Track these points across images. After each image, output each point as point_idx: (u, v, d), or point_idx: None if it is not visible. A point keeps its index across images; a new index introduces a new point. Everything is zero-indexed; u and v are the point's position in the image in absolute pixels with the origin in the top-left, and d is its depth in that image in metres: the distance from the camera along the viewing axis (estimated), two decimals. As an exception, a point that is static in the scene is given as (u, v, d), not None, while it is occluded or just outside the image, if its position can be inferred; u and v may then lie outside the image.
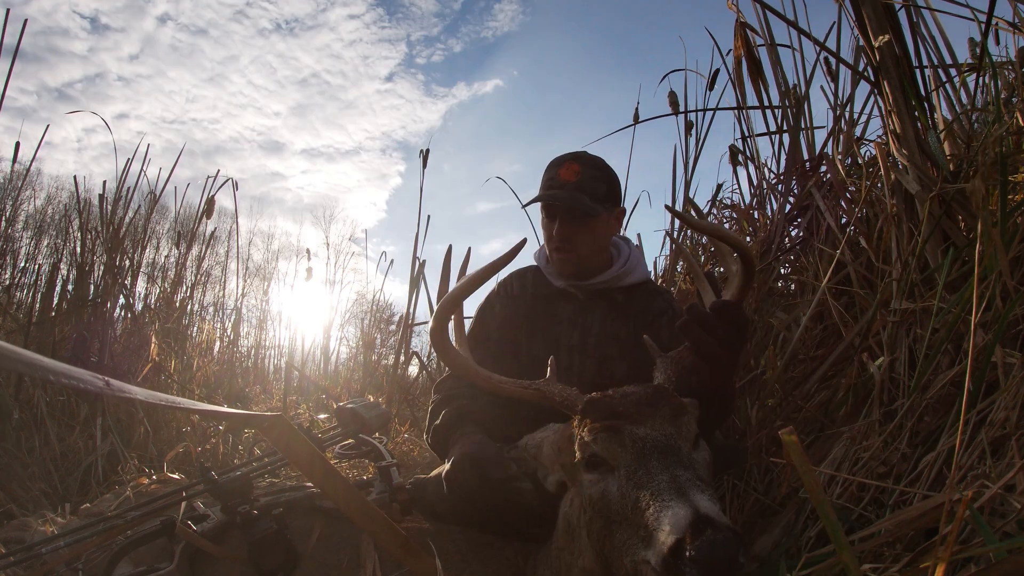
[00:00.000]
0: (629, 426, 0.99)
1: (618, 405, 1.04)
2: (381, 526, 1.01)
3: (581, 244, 1.69)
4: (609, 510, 0.96)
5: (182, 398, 0.85)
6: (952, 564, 0.96)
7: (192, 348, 4.20)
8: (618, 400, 1.06)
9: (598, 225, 1.69)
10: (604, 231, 1.73)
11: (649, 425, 0.99)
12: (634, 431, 0.98)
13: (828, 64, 2.70)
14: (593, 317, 1.74)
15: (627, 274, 1.75)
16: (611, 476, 0.98)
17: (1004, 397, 1.28)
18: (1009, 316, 1.37)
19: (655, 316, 1.70)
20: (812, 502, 0.99)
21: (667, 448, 0.95)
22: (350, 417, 1.65)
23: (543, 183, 1.72)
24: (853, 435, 1.57)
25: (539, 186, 1.75)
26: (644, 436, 0.97)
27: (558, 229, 1.67)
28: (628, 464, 0.96)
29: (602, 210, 1.66)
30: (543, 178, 1.73)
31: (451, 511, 1.44)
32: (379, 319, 7.69)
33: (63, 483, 2.61)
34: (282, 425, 0.88)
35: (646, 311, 1.71)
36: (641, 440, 0.97)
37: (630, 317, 1.72)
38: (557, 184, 1.66)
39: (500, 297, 1.86)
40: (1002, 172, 1.49)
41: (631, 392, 1.07)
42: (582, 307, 1.76)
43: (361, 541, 1.30)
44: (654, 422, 0.99)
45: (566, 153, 1.74)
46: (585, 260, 1.72)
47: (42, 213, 14.02)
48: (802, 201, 2.59)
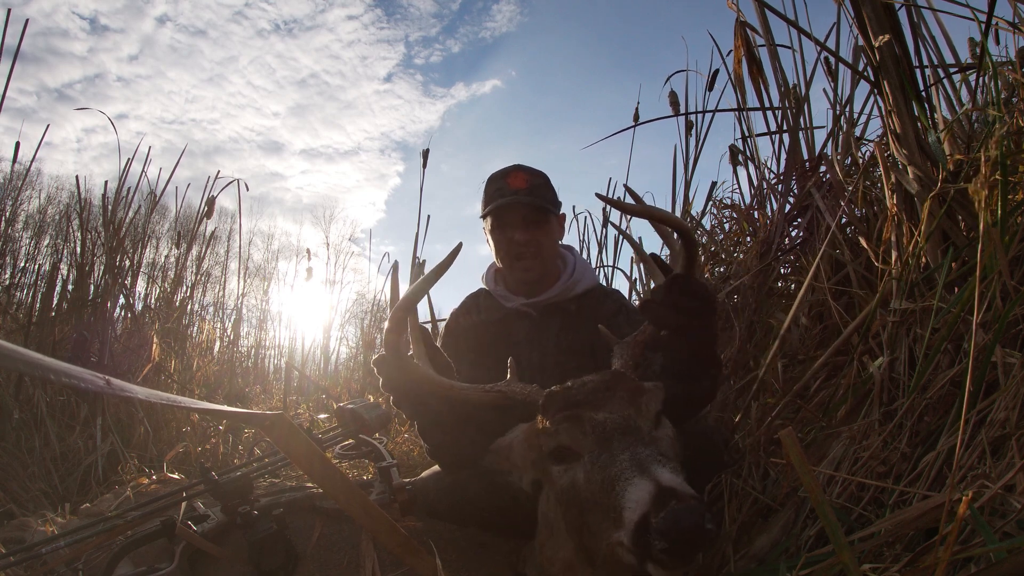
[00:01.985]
0: (588, 412, 1.00)
1: (576, 394, 1.06)
2: (382, 525, 1.01)
3: (543, 247, 1.72)
4: (580, 497, 0.97)
5: (182, 397, 0.85)
6: (952, 564, 0.96)
7: (192, 348, 4.20)
8: (576, 389, 1.07)
9: (553, 228, 1.77)
10: (558, 234, 1.81)
11: (608, 409, 1.00)
12: (593, 416, 1.00)
13: (828, 64, 2.70)
14: (548, 334, 1.75)
15: (576, 283, 1.77)
16: (577, 464, 0.99)
17: (1004, 397, 1.28)
18: (1009, 316, 1.37)
19: (610, 317, 1.72)
20: (811, 502, 0.99)
21: (627, 428, 0.97)
22: (350, 417, 1.65)
23: (491, 195, 1.74)
24: (853, 435, 1.57)
25: (483, 202, 1.77)
26: (603, 420, 0.99)
27: (520, 234, 1.70)
28: (591, 449, 0.97)
29: (556, 211, 1.76)
30: (488, 191, 1.76)
31: (450, 509, 1.45)
32: (379, 319, 7.69)
33: (63, 483, 2.61)
34: (283, 424, 0.88)
35: (598, 315, 1.72)
36: (601, 424, 0.98)
37: (583, 326, 1.73)
38: (509, 192, 1.69)
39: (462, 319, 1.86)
40: (1002, 172, 1.49)
41: (588, 380, 1.09)
42: (537, 325, 1.76)
43: (361, 541, 1.30)
44: (612, 405, 1.01)
45: (504, 167, 1.77)
46: (547, 264, 1.75)
47: (42, 213, 14.02)
48: (802, 201, 2.59)
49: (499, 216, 1.73)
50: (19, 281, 5.59)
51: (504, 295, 1.79)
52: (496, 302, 1.81)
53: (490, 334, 1.77)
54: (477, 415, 1.22)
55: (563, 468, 1.02)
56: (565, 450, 1.02)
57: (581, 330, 1.73)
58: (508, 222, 1.72)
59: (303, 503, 1.45)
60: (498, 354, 1.73)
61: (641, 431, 0.98)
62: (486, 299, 1.85)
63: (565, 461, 1.01)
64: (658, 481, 0.85)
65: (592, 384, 1.07)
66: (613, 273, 3.92)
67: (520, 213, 1.71)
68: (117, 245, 3.64)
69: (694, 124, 3.27)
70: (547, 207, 1.72)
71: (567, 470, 1.01)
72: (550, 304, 1.76)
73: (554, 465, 1.04)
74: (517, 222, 1.71)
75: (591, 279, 1.81)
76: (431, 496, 1.50)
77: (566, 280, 1.76)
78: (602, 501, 0.91)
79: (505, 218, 1.72)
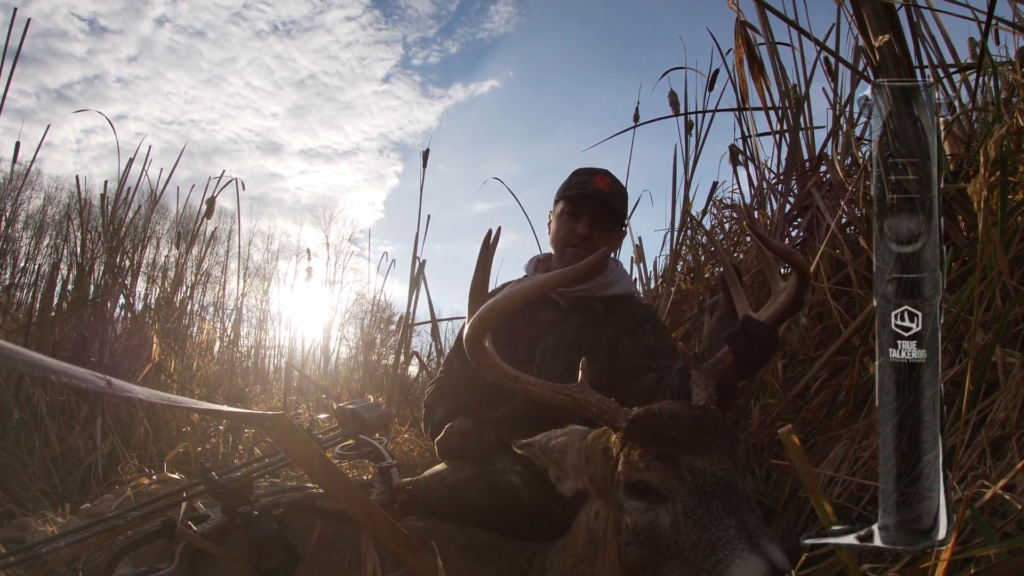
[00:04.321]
0: (686, 457, 0.93)
1: (669, 429, 0.98)
2: (382, 525, 1.01)
3: (597, 246, 1.75)
4: (659, 543, 0.92)
5: (183, 397, 0.85)
6: (952, 564, 0.96)
7: (192, 348, 4.20)
8: (667, 422, 1.00)
9: (614, 237, 1.84)
10: (615, 246, 1.88)
11: (707, 457, 0.93)
12: (692, 463, 0.92)
13: (828, 64, 2.70)
14: (570, 324, 1.76)
15: (609, 285, 1.79)
16: (662, 507, 0.93)
17: (1004, 397, 1.29)
18: (1009, 316, 1.37)
19: (638, 324, 1.74)
20: (811, 502, 0.99)
21: (728, 486, 0.91)
22: (350, 417, 1.65)
23: (573, 184, 1.80)
24: (853, 435, 1.57)
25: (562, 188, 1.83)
26: (703, 470, 0.92)
27: (584, 226, 1.75)
28: (686, 499, 0.90)
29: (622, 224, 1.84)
30: (571, 182, 1.81)
31: (450, 509, 1.45)
32: (379, 319, 7.70)
33: (63, 483, 2.61)
34: (283, 424, 0.88)
35: (628, 320, 1.75)
36: (701, 475, 0.91)
37: (608, 326, 1.75)
38: (592, 189, 1.76)
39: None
40: (1002, 172, 1.49)
41: (680, 414, 1.01)
42: (562, 313, 1.78)
43: (361, 541, 1.30)
44: (711, 454, 0.94)
45: (593, 167, 1.84)
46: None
47: (42, 213, 14.03)
48: (802, 201, 2.59)
49: (574, 204, 1.78)
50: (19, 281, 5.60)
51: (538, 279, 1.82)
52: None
53: (518, 316, 1.79)
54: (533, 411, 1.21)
55: (643, 505, 0.95)
56: (650, 489, 0.95)
57: (605, 330, 1.75)
58: (579, 213, 1.77)
59: (303, 503, 1.45)
60: (518, 334, 1.77)
61: (741, 491, 0.91)
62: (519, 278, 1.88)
63: (646, 499, 0.95)
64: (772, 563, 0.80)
65: (685, 421, 0.99)
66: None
67: (594, 209, 1.76)
68: (117, 245, 3.64)
69: (694, 124, 3.27)
70: (620, 215, 1.80)
71: (647, 509, 0.94)
72: (579, 298, 1.78)
73: (630, 499, 0.97)
74: (587, 216, 1.76)
75: (627, 287, 1.84)
76: (431, 496, 1.50)
77: (600, 279, 1.78)
78: (692, 559, 0.86)
79: (578, 208, 1.77)
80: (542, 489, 1.37)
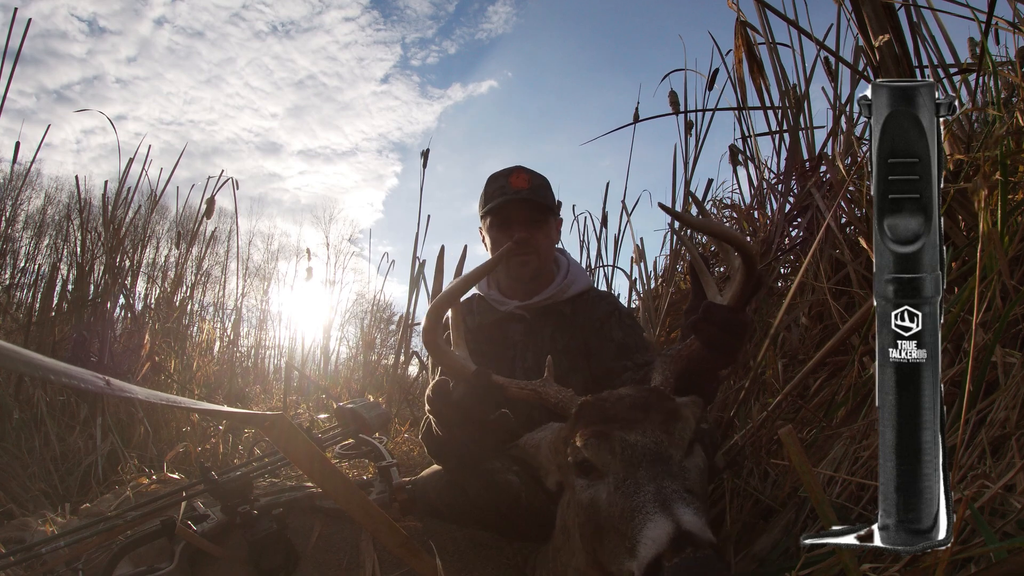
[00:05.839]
0: (619, 432, 0.98)
1: (611, 408, 1.03)
2: (382, 525, 1.01)
3: (540, 246, 1.74)
4: (599, 516, 0.95)
5: (183, 397, 0.85)
6: (952, 564, 0.96)
7: (192, 348, 4.20)
8: (611, 403, 1.05)
9: (551, 229, 1.80)
10: (555, 236, 1.83)
11: (640, 430, 0.98)
12: (624, 437, 0.97)
13: (828, 64, 2.70)
14: (543, 336, 1.75)
15: (569, 285, 1.77)
16: (601, 483, 0.97)
17: (1004, 397, 1.28)
18: (1009, 316, 1.37)
19: (603, 320, 1.73)
20: (811, 501, 0.99)
21: (657, 456, 0.94)
22: (350, 417, 1.65)
23: (492, 194, 1.76)
24: (853, 434, 1.57)
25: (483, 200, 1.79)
26: (634, 443, 0.96)
27: (519, 230, 1.71)
28: (617, 472, 0.95)
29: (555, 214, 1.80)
30: (489, 190, 1.77)
31: (450, 508, 1.45)
32: (379, 319, 7.70)
33: (63, 483, 2.61)
34: (283, 424, 0.88)
35: (593, 318, 1.74)
36: (631, 447, 0.96)
37: (578, 328, 1.74)
38: (511, 191, 1.72)
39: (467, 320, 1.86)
40: (1002, 172, 1.49)
41: (626, 395, 1.06)
42: (531, 327, 1.76)
43: (361, 541, 1.30)
44: (645, 428, 0.98)
45: (506, 167, 1.79)
46: (543, 262, 1.76)
47: (42, 213, 14.03)
48: (802, 201, 2.59)
49: (500, 214, 1.73)
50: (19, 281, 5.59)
51: (498, 299, 1.79)
52: (489, 305, 1.81)
53: (484, 336, 1.77)
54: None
55: (586, 483, 1.00)
56: (590, 466, 0.99)
57: (575, 332, 1.73)
58: (509, 220, 1.73)
59: (303, 503, 1.45)
60: (494, 357, 1.73)
61: (671, 460, 0.95)
62: (479, 303, 1.84)
63: (589, 476, 1.00)
64: (679, 523, 0.83)
65: (628, 400, 1.04)
66: (613, 272, 3.91)
67: (521, 211, 1.72)
68: (117, 245, 3.64)
69: (694, 123, 3.27)
70: (548, 207, 1.75)
71: (590, 486, 0.99)
72: (544, 307, 1.76)
73: (578, 478, 1.02)
74: (518, 220, 1.72)
75: (584, 281, 1.82)
76: (431, 496, 1.50)
77: (560, 282, 1.77)
78: (620, 528, 0.89)
79: (506, 216, 1.73)
80: (538, 488, 1.38)
